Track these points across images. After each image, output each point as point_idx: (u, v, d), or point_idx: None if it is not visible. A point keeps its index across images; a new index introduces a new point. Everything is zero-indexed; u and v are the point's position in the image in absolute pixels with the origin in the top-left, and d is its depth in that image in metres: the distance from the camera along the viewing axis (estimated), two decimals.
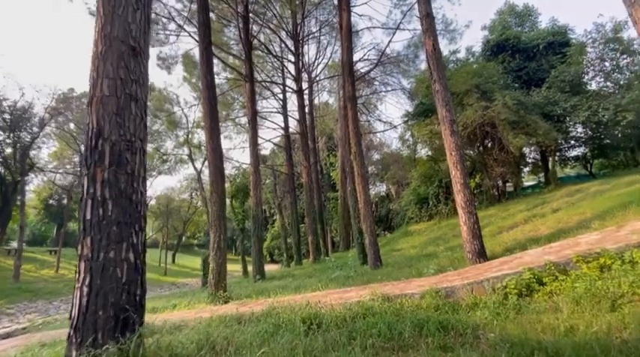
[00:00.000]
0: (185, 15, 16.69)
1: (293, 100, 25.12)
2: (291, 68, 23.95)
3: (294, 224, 20.76)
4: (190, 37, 15.95)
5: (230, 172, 21.06)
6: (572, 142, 18.77)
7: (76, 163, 27.21)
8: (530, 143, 16.47)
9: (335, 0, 18.25)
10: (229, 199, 18.85)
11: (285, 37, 23.25)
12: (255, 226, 14.24)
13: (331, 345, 3.16)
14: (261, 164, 25.36)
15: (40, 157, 27.50)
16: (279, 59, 24.06)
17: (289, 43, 23.35)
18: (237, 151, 72.12)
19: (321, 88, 29.99)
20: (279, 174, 31.23)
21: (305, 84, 24.56)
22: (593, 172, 20.83)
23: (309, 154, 22.04)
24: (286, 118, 23.64)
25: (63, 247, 28.26)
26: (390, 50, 24.50)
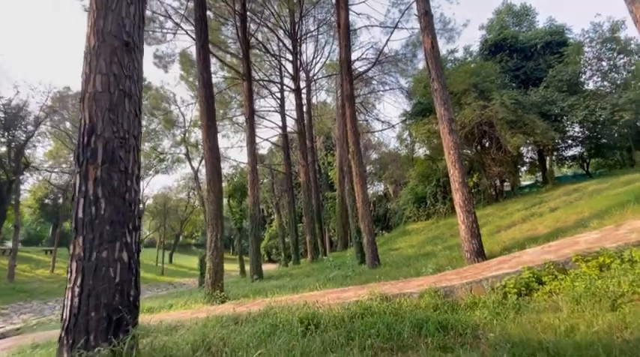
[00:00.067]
0: (182, 13, 16.57)
1: (291, 99, 25.03)
2: (289, 67, 23.89)
3: (291, 223, 20.69)
4: (187, 35, 15.82)
5: (227, 171, 20.96)
6: (570, 141, 18.83)
7: (72, 162, 26.98)
8: (528, 143, 16.50)
9: None
10: (227, 199, 18.75)
11: (283, 35, 23.15)
12: (253, 225, 14.17)
13: (329, 346, 3.11)
14: (259, 163, 25.29)
15: (36, 156, 27.31)
16: (276, 58, 23.97)
17: (287, 41, 23.24)
18: (235, 150, 72.01)
19: (319, 87, 29.94)
20: (276, 173, 31.13)
21: (303, 83, 24.48)
22: (589, 171, 20.92)
23: (306, 154, 21.97)
24: (284, 117, 23.56)
25: (59, 246, 28.03)
26: (388, 49, 24.55)
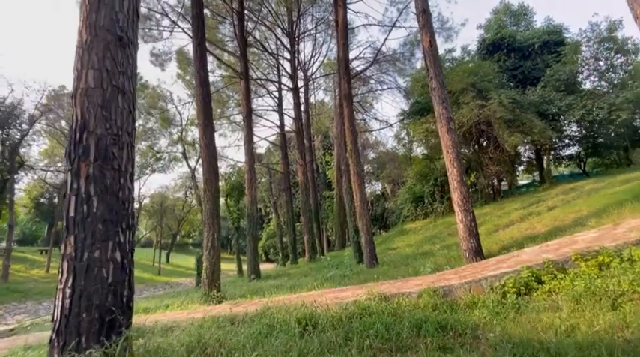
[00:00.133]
0: (179, 11, 16.47)
1: (289, 98, 24.93)
2: (287, 66, 23.77)
3: (289, 223, 20.62)
4: (184, 33, 15.74)
5: (225, 170, 20.89)
6: (567, 141, 18.91)
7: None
8: (525, 142, 16.53)
9: None
10: (224, 198, 18.68)
11: (281, 34, 23.06)
12: (250, 224, 14.10)
13: (327, 346, 3.06)
14: (257, 163, 25.18)
15: (31, 155, 27.04)
16: (274, 57, 23.86)
17: (285, 40, 23.16)
18: (232, 149, 71.73)
19: (317, 86, 29.86)
20: (274, 173, 31.04)
21: (301, 82, 24.41)
22: (586, 170, 21.02)
23: (304, 153, 21.91)
24: (282, 116, 23.47)
25: (54, 246, 27.81)
26: (386, 48, 24.57)
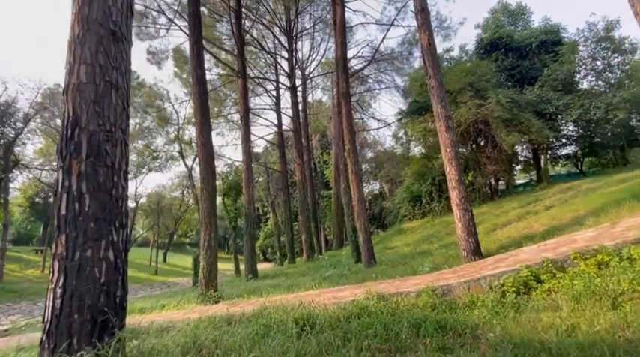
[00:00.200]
0: (175, 9, 16.34)
1: (286, 97, 24.83)
2: (285, 65, 23.71)
3: (287, 222, 20.56)
4: (181, 30, 15.64)
5: (222, 169, 20.74)
6: (564, 140, 18.96)
7: None
8: (523, 141, 16.57)
9: None
10: (221, 197, 18.56)
11: (279, 33, 22.98)
12: (248, 224, 14.02)
13: (325, 347, 3.01)
14: (254, 162, 25.07)
15: (26, 153, 26.73)
16: (272, 55, 23.77)
17: (282, 39, 23.08)
18: (230, 148, 71.42)
19: (315, 85, 29.77)
20: (272, 172, 30.95)
21: (298, 81, 24.34)
22: (583, 170, 21.10)
23: (302, 152, 21.84)
24: (279, 115, 23.40)
25: (49, 246, 27.55)
26: (384, 47, 24.47)
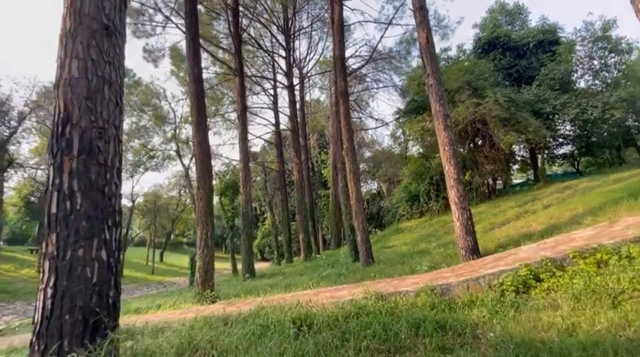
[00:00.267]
0: (172, 6, 16.20)
1: (284, 96, 24.85)
2: (282, 63, 23.61)
3: (285, 222, 20.48)
4: (178, 28, 15.51)
5: (219, 168, 20.65)
6: (561, 140, 19.03)
7: None
8: (520, 140, 16.60)
9: None
10: (218, 197, 18.47)
11: (276, 31, 22.85)
12: (245, 223, 13.94)
13: (323, 348, 2.95)
14: (252, 161, 24.99)
15: (20, 152, 26.49)
16: (269, 54, 23.65)
17: (280, 37, 22.95)
18: (227, 147, 71.27)
19: (313, 84, 29.69)
20: (269, 171, 30.85)
21: (296, 80, 24.22)
22: (580, 169, 21.19)
23: (300, 151, 21.75)
24: (277, 114, 23.30)
25: None
26: (382, 47, 24.48)
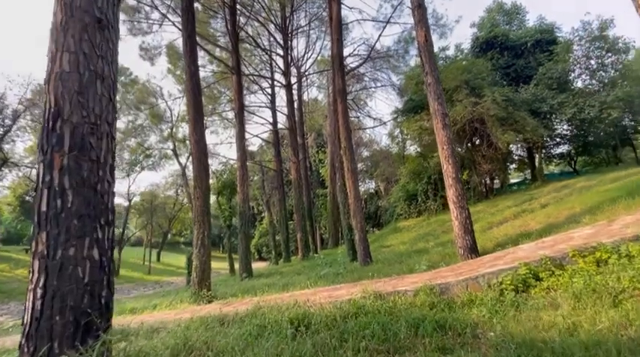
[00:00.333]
0: (168, 4, 16.05)
1: (282, 95, 24.69)
2: (280, 62, 23.48)
3: (282, 221, 20.40)
4: (174, 26, 15.36)
5: (217, 167, 20.55)
6: (558, 139, 19.10)
7: None
8: (518, 140, 16.63)
9: None
10: (215, 196, 18.37)
11: (274, 30, 22.74)
12: (242, 222, 13.85)
13: (321, 348, 2.90)
14: (249, 160, 24.88)
15: (15, 151, 26.20)
16: (267, 53, 23.54)
17: (278, 36, 22.85)
18: (225, 146, 70.81)
19: (310, 83, 29.61)
20: (267, 170, 30.75)
21: (294, 79, 24.13)
22: (576, 169, 21.28)
23: (298, 150, 21.68)
24: (275, 113, 23.19)
25: None
26: (380, 46, 24.42)
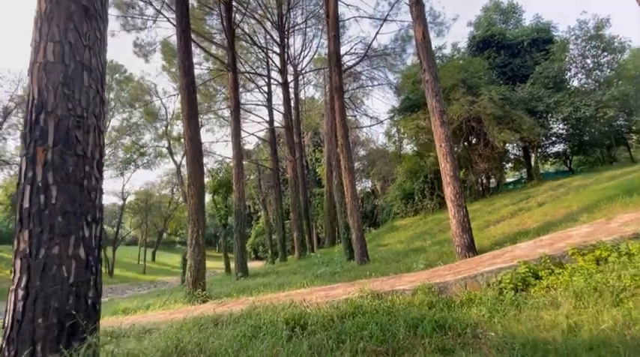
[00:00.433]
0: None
1: (278, 94, 24.57)
2: (277, 60, 23.33)
3: (279, 220, 20.29)
4: (169, 22, 15.17)
5: (212, 166, 20.36)
6: (554, 138, 19.18)
7: None
8: (514, 139, 16.66)
9: None
10: (211, 195, 18.20)
11: (271, 28, 22.59)
12: (238, 221, 13.70)
13: (317, 350, 2.81)
14: (245, 159, 24.69)
15: (7, 149, 25.77)
16: (263, 50, 23.37)
17: (274, 34, 22.70)
18: (220, 145, 70.60)
19: (307, 81, 29.48)
20: (263, 169, 30.59)
21: (290, 77, 24.03)
22: (572, 168, 21.40)
23: (294, 149, 21.56)
24: (271, 111, 23.04)
25: None
26: (377, 44, 24.40)
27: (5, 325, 2.40)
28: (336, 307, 3.91)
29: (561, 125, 18.01)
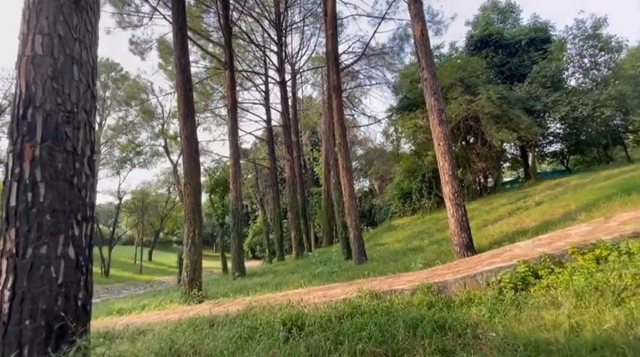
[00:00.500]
0: None
1: (276, 92, 24.46)
2: (274, 59, 23.24)
3: (276, 219, 20.20)
4: (165, 19, 14.98)
5: (209, 165, 20.23)
6: (551, 138, 19.22)
7: None
8: (511, 138, 16.67)
9: None
10: (208, 194, 18.10)
11: (268, 26, 22.46)
12: (235, 220, 13.61)
13: (315, 352, 2.74)
14: (243, 158, 24.59)
15: (1, 148, 25.45)
16: (261, 49, 23.25)
17: (272, 32, 22.58)
18: (217, 144, 70.27)
19: (305, 80, 29.42)
20: (261, 168, 30.47)
21: (288, 75, 23.89)
22: (569, 167, 21.48)
23: (292, 148, 21.47)
24: (268, 110, 22.94)
25: None
26: (375, 43, 24.35)
27: None
28: (334, 308, 3.85)
29: (558, 124, 18.05)
